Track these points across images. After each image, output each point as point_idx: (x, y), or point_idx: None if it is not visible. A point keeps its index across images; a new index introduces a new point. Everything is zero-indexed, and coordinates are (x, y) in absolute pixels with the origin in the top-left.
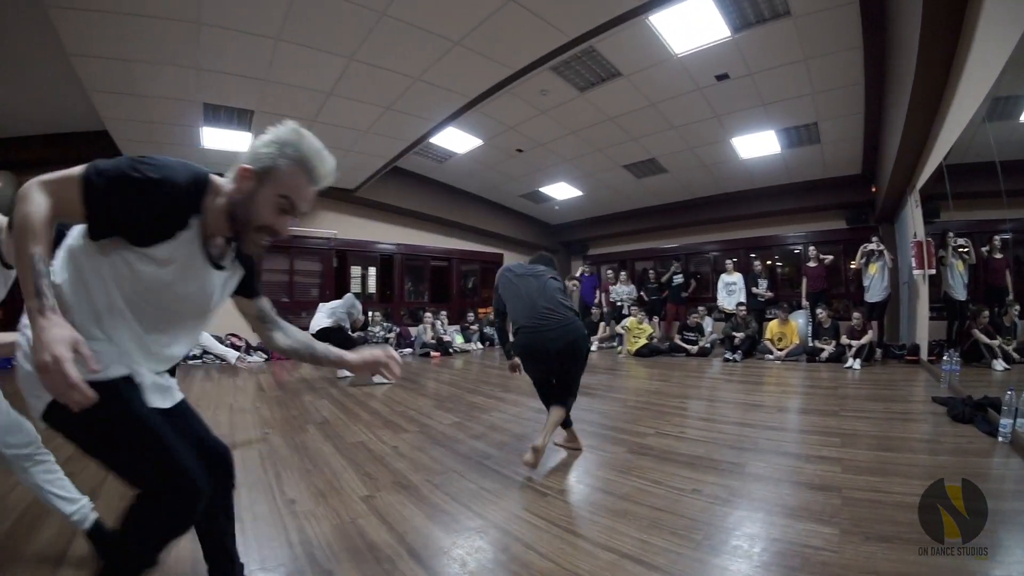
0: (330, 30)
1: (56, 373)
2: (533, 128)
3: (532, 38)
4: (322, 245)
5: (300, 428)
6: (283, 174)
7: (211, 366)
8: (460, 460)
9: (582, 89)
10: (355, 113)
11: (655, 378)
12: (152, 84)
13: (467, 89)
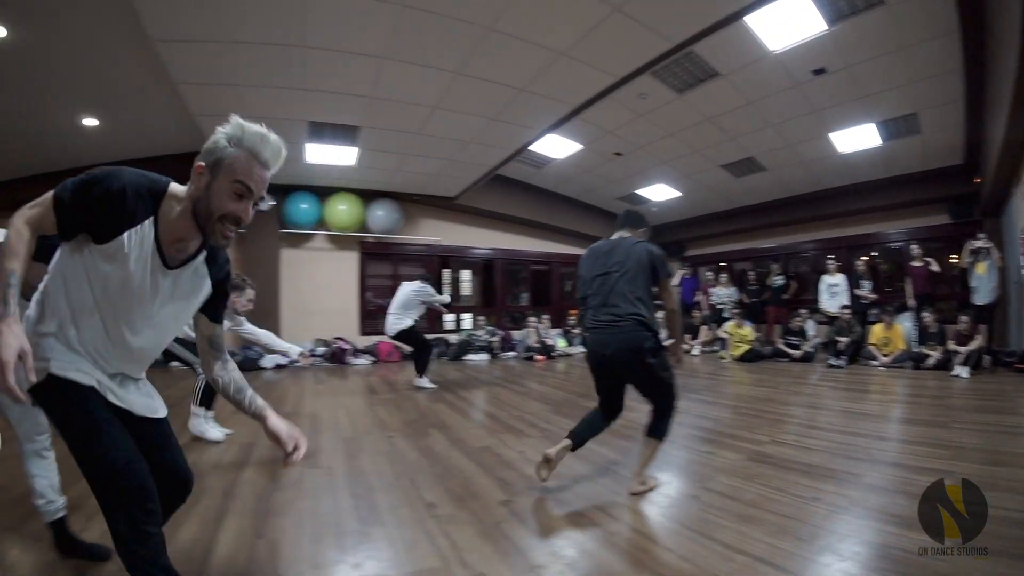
0: (436, 47)
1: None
2: (631, 131)
3: (636, 46)
4: (424, 251)
5: (422, 432)
6: (233, 161)
7: (316, 367)
8: (587, 465)
9: (680, 91)
10: (460, 124)
11: (761, 384)
12: (259, 106)
13: (571, 98)
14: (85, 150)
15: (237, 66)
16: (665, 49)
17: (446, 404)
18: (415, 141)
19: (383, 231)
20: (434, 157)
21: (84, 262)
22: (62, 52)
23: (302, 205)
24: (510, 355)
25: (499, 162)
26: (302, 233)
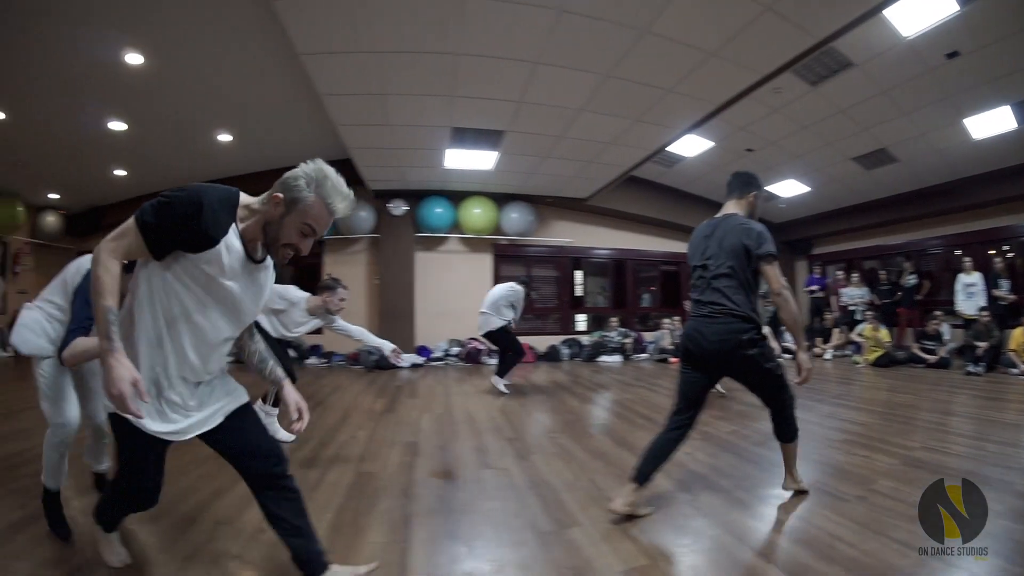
0: (590, 50)
1: (119, 401)
2: (764, 127)
3: (782, 43)
4: (556, 252)
5: (584, 432)
6: (308, 206)
7: (451, 367)
8: (752, 465)
9: (814, 83)
10: (603, 126)
11: (901, 390)
12: (403, 114)
13: (715, 97)
14: (221, 163)
15: (385, 76)
16: (810, 45)
17: (595, 405)
18: (557, 144)
19: (517, 233)
20: (573, 159)
21: (177, 273)
22: (197, 75)
23: (437, 209)
24: (642, 357)
25: (636, 163)
26: (437, 236)
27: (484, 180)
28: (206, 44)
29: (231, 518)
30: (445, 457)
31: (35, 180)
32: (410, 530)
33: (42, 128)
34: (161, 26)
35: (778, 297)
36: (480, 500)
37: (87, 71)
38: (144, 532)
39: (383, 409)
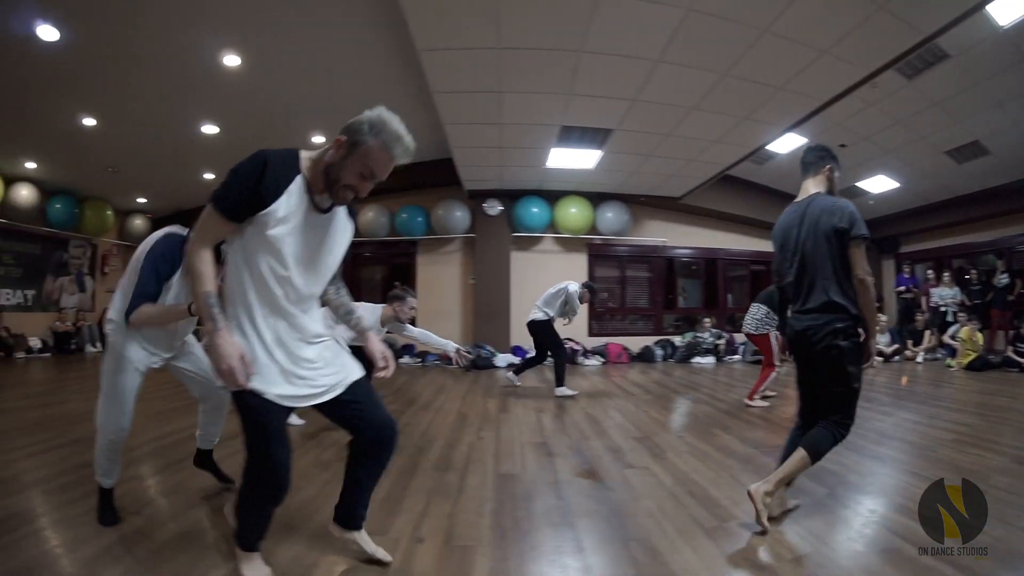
0: (712, 49)
1: (229, 376)
2: (859, 121)
3: (891, 40)
4: (649, 252)
5: (707, 432)
6: (368, 148)
7: (546, 367)
8: (876, 462)
9: (910, 76)
10: (711, 125)
11: (999, 394)
12: (514, 112)
13: (821, 94)
14: None
15: (504, 72)
16: (916, 41)
17: (705, 405)
18: (663, 142)
19: (612, 233)
20: (675, 158)
21: (256, 237)
22: (294, 76)
23: (533, 209)
24: (735, 358)
25: (735, 161)
26: (532, 236)
27: (582, 179)
28: (306, 45)
29: (380, 527)
30: (581, 457)
31: (124, 185)
32: (579, 531)
33: (134, 133)
34: (261, 26)
35: (861, 284)
36: (635, 499)
37: (184, 74)
38: (282, 550)
39: (497, 409)
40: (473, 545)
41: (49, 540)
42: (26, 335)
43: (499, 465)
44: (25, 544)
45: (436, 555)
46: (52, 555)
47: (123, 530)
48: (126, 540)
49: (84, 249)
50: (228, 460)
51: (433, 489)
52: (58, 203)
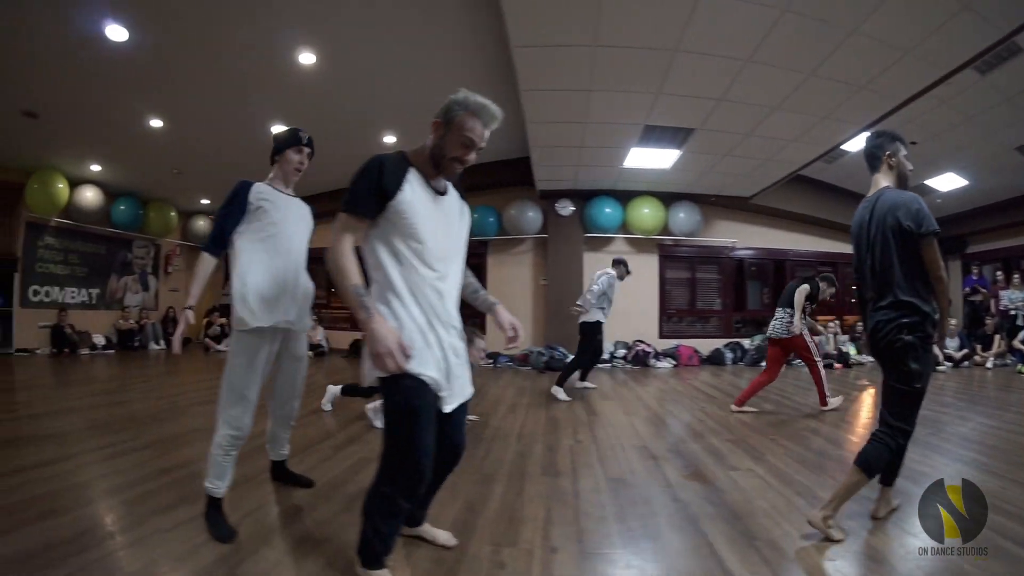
0: (801, 49)
1: (385, 358)
2: (930, 119)
3: (972, 38)
4: (720, 252)
5: (798, 435)
6: (462, 120)
7: (618, 368)
8: (966, 466)
9: (984, 72)
10: (791, 124)
11: None
12: (599, 111)
13: (900, 93)
14: None
15: (594, 70)
16: (996, 39)
17: (787, 407)
18: (743, 142)
19: (683, 233)
20: (752, 157)
21: (390, 229)
22: (370, 74)
23: (606, 209)
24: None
25: (809, 160)
26: (604, 237)
27: (655, 179)
28: (386, 44)
29: (510, 538)
30: (683, 460)
31: (188, 186)
32: (706, 533)
33: (201, 134)
34: (342, 24)
35: (939, 283)
36: (748, 500)
37: (256, 72)
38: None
39: (586, 412)
40: (609, 552)
41: (136, 559)
42: (90, 332)
43: (607, 469)
44: (108, 564)
45: (575, 564)
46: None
47: (220, 549)
48: (226, 560)
49: (148, 249)
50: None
51: (549, 495)
52: (122, 205)
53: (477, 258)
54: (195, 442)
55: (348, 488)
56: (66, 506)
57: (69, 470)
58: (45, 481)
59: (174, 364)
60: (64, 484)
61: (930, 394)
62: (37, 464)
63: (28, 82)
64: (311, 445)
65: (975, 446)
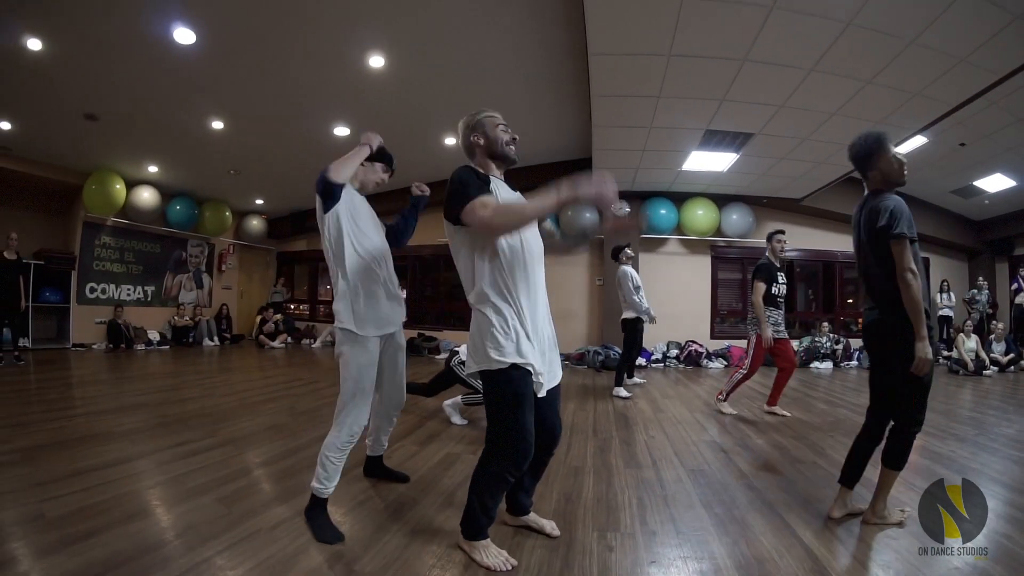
0: (861, 60)
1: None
2: (980, 120)
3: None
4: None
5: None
6: (486, 119)
7: (671, 368)
8: (1015, 464)
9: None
10: (847, 128)
11: None
12: (666, 116)
13: (952, 99)
14: (443, 167)
15: (666, 78)
16: None
17: (841, 408)
18: (799, 146)
19: (737, 235)
20: (806, 160)
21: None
22: (436, 77)
23: (661, 211)
24: (852, 364)
25: None
26: (658, 238)
27: (711, 182)
28: (456, 48)
29: (611, 523)
30: (753, 454)
31: (244, 186)
32: (785, 517)
33: (261, 135)
34: (415, 28)
35: (902, 281)
36: (817, 488)
37: (323, 75)
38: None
39: (653, 409)
40: (702, 533)
41: (244, 559)
42: (145, 328)
43: (684, 462)
44: (216, 565)
45: (675, 544)
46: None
47: (329, 547)
48: (340, 557)
49: (202, 248)
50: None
51: (637, 485)
52: (178, 204)
53: None
54: (274, 439)
55: (443, 483)
56: (154, 505)
57: (147, 468)
58: (126, 480)
59: (230, 360)
60: (146, 482)
61: (977, 396)
62: (114, 462)
63: (92, 85)
64: (392, 443)
65: (1022, 446)
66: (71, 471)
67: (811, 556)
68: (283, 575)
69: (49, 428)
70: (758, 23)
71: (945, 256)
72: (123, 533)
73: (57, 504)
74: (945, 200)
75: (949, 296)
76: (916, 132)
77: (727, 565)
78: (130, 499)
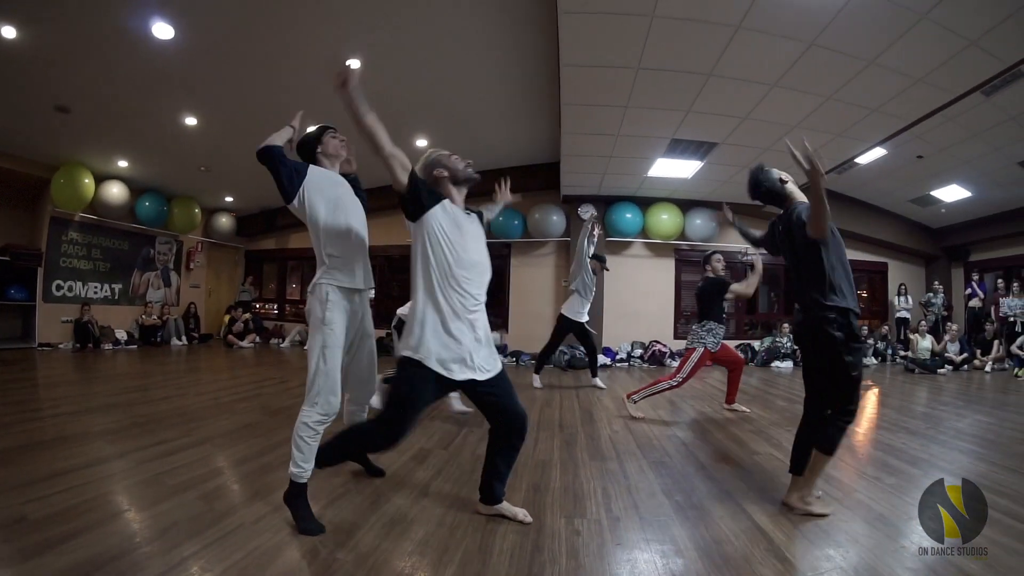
0: (822, 77)
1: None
2: (937, 135)
3: (976, 69)
4: (733, 259)
5: (788, 430)
6: (441, 159)
7: (635, 367)
8: (962, 455)
9: (989, 94)
10: (808, 140)
11: None
12: (634, 125)
13: (910, 115)
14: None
15: (634, 90)
16: (999, 70)
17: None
18: (761, 155)
19: (700, 239)
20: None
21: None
22: (411, 81)
23: (627, 215)
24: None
25: (823, 172)
26: (624, 241)
27: (675, 187)
28: (428, 50)
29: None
30: (712, 447)
31: (214, 184)
32: (743, 505)
33: (233, 132)
34: (389, 30)
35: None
36: (773, 479)
37: (298, 72)
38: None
39: (616, 406)
40: (664, 519)
41: (231, 552)
42: (112, 327)
43: (646, 455)
44: (204, 559)
45: (638, 528)
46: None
47: (308, 541)
48: (323, 546)
49: (170, 245)
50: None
51: (602, 476)
52: (147, 201)
53: (500, 259)
54: (250, 438)
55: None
56: (136, 504)
57: (127, 468)
58: (106, 480)
59: (199, 360)
60: (127, 481)
61: (931, 393)
62: (93, 462)
63: (65, 76)
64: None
65: (970, 439)
66: (51, 472)
67: (766, 537)
68: (269, 566)
69: (23, 429)
70: (724, 42)
71: (903, 261)
72: (108, 532)
73: (40, 505)
74: (904, 208)
75: (906, 299)
76: (875, 144)
77: (687, 547)
78: (112, 498)
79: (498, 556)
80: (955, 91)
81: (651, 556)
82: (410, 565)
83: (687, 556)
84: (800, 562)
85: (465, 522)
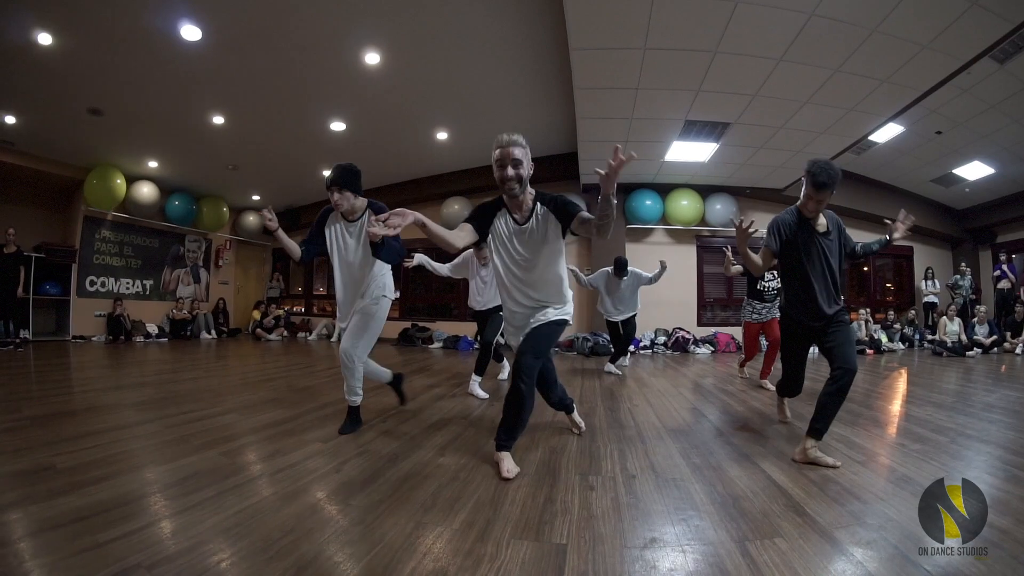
0: (828, 48)
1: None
2: (953, 108)
3: (984, 31)
4: (754, 244)
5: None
6: (494, 162)
7: (659, 355)
8: (990, 424)
9: (1002, 61)
10: (820, 117)
11: None
12: (647, 107)
13: (920, 84)
14: (435, 162)
15: (643, 71)
16: (1008, 30)
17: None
18: (776, 135)
19: (721, 224)
20: (784, 150)
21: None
22: (430, 73)
23: (647, 201)
24: None
25: (839, 151)
26: (644, 228)
27: (694, 172)
28: (448, 45)
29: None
30: (731, 417)
31: (242, 182)
32: (761, 467)
33: (260, 131)
34: (409, 25)
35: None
36: (790, 443)
37: (322, 71)
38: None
39: (638, 384)
40: (680, 479)
41: (248, 498)
42: (143, 321)
43: (665, 423)
44: (251, 487)
45: (654, 486)
46: (272, 504)
47: (327, 487)
48: (340, 491)
49: (200, 243)
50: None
51: (620, 441)
52: (176, 200)
53: None
54: (276, 408)
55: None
56: (160, 459)
57: (153, 431)
58: (131, 440)
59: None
60: (152, 442)
61: (960, 374)
62: (120, 426)
63: (98, 80)
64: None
65: (1000, 411)
66: (81, 433)
67: (784, 494)
68: (282, 509)
69: (56, 400)
70: (725, 16)
71: (929, 245)
72: (129, 479)
73: (68, 457)
74: (926, 189)
75: (933, 283)
76: (889, 119)
77: (703, 501)
78: (137, 454)
79: (510, 505)
80: (964, 56)
81: (665, 508)
82: (421, 509)
83: (703, 510)
84: (820, 516)
85: (479, 477)
